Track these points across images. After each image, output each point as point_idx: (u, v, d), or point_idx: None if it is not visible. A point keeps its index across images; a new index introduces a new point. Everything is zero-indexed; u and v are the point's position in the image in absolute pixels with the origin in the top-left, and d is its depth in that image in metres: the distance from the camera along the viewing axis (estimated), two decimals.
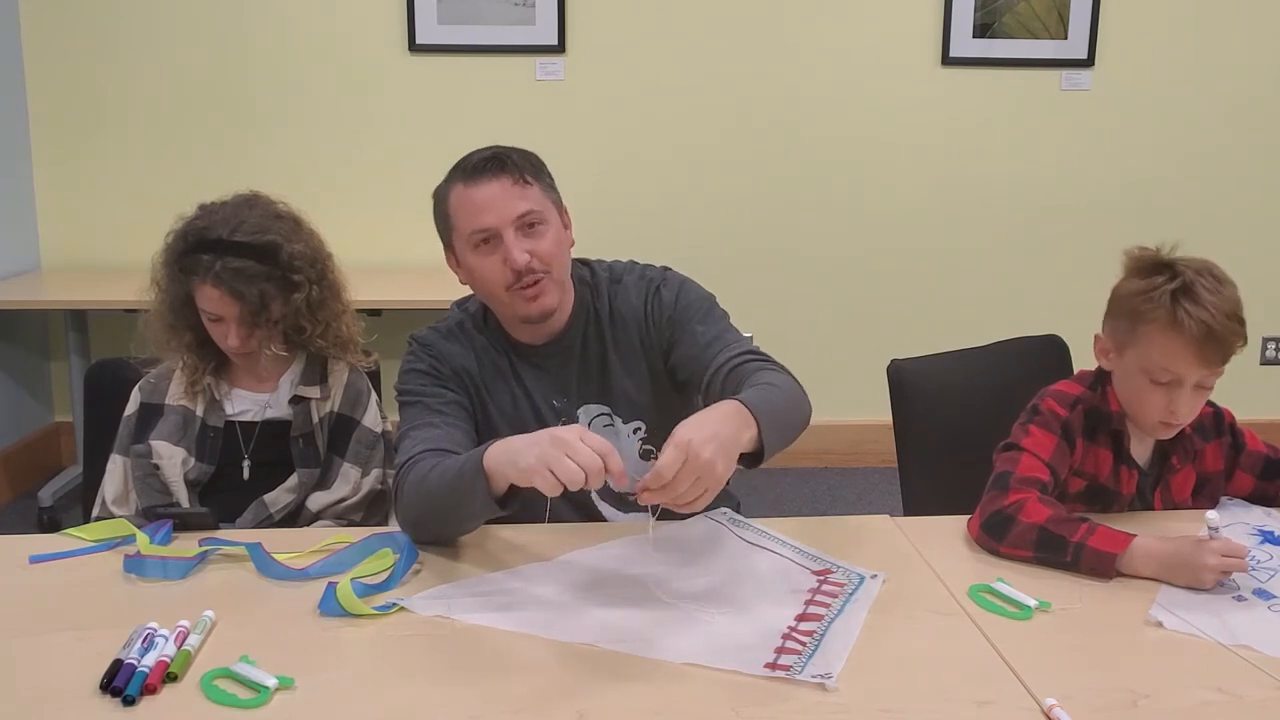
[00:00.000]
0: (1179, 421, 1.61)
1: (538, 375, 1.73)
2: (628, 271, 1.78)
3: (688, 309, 1.72)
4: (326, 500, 1.77)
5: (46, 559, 1.49)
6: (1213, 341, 1.53)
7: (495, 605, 1.36)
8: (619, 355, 1.74)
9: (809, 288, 3.99)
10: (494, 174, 1.62)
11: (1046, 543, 1.48)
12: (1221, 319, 1.53)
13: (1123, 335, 1.63)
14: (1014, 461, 1.60)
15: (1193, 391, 1.58)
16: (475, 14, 3.71)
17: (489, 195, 1.61)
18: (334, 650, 1.26)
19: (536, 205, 1.64)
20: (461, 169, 1.66)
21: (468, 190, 1.63)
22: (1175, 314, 1.54)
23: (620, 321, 1.74)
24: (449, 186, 1.66)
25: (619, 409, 1.73)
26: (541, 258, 1.62)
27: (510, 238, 1.61)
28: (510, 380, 1.72)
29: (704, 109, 3.84)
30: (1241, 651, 1.27)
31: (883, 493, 3.77)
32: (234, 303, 1.72)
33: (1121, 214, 3.95)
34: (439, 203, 1.68)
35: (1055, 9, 3.81)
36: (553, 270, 1.65)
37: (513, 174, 1.62)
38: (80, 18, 3.67)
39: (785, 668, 1.21)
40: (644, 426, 1.74)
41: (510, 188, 1.62)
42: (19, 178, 3.71)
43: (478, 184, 1.62)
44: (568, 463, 1.27)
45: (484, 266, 1.64)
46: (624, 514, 1.74)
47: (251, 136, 3.77)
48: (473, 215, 1.62)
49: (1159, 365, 1.57)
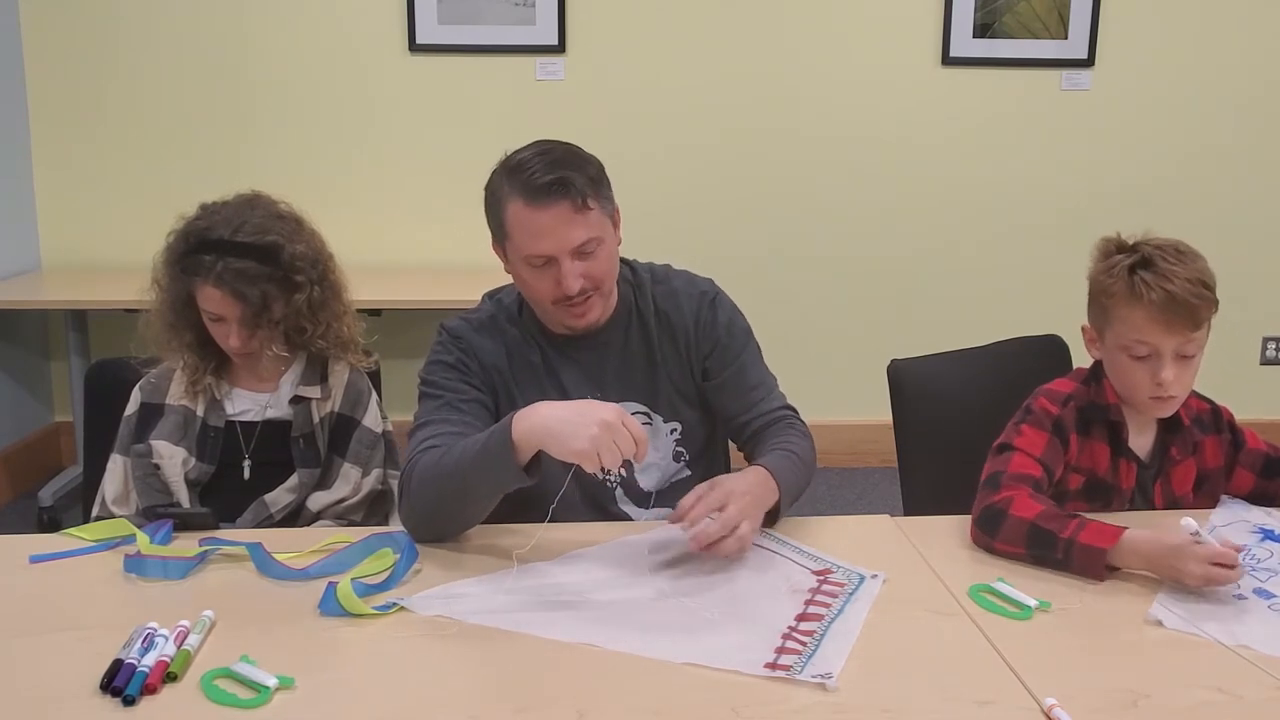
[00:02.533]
0: (1169, 394, 1.60)
1: (573, 369, 1.72)
2: (674, 276, 1.79)
3: (737, 339, 1.76)
4: (327, 500, 1.78)
5: (46, 559, 1.49)
6: (1175, 306, 1.55)
7: (495, 605, 1.36)
8: (662, 355, 1.74)
9: (809, 287, 3.99)
10: (557, 198, 1.57)
11: (1037, 539, 1.48)
12: (1182, 283, 1.55)
13: (1099, 319, 1.66)
14: (1006, 461, 1.61)
15: (1174, 361, 1.59)
16: (475, 14, 3.71)
17: (550, 222, 1.57)
18: (334, 650, 1.26)
19: (595, 231, 1.61)
20: (524, 182, 1.59)
21: (529, 211, 1.58)
22: (1133, 285, 1.58)
23: (665, 323, 1.74)
24: (508, 196, 1.60)
25: (659, 408, 1.74)
26: (594, 279, 1.63)
27: (566, 265, 1.59)
28: (542, 375, 1.72)
29: (704, 109, 3.84)
30: (1241, 651, 1.27)
31: (883, 493, 3.76)
32: (236, 303, 1.71)
33: (1121, 214, 3.91)
34: (494, 204, 1.64)
35: (1055, 9, 3.81)
36: (603, 287, 1.65)
37: (575, 200, 1.57)
38: (80, 18, 3.67)
39: (785, 667, 1.21)
40: (680, 428, 1.75)
41: (572, 215, 1.58)
42: (19, 178, 3.71)
43: (539, 207, 1.57)
44: (615, 452, 1.36)
45: (535, 280, 1.63)
46: (646, 511, 1.74)
47: (251, 136, 3.77)
48: (531, 239, 1.59)
49: (1132, 338, 1.59)
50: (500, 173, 1.64)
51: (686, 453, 1.77)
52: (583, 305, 1.64)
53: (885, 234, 3.97)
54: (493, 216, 1.66)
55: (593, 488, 1.73)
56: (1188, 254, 1.60)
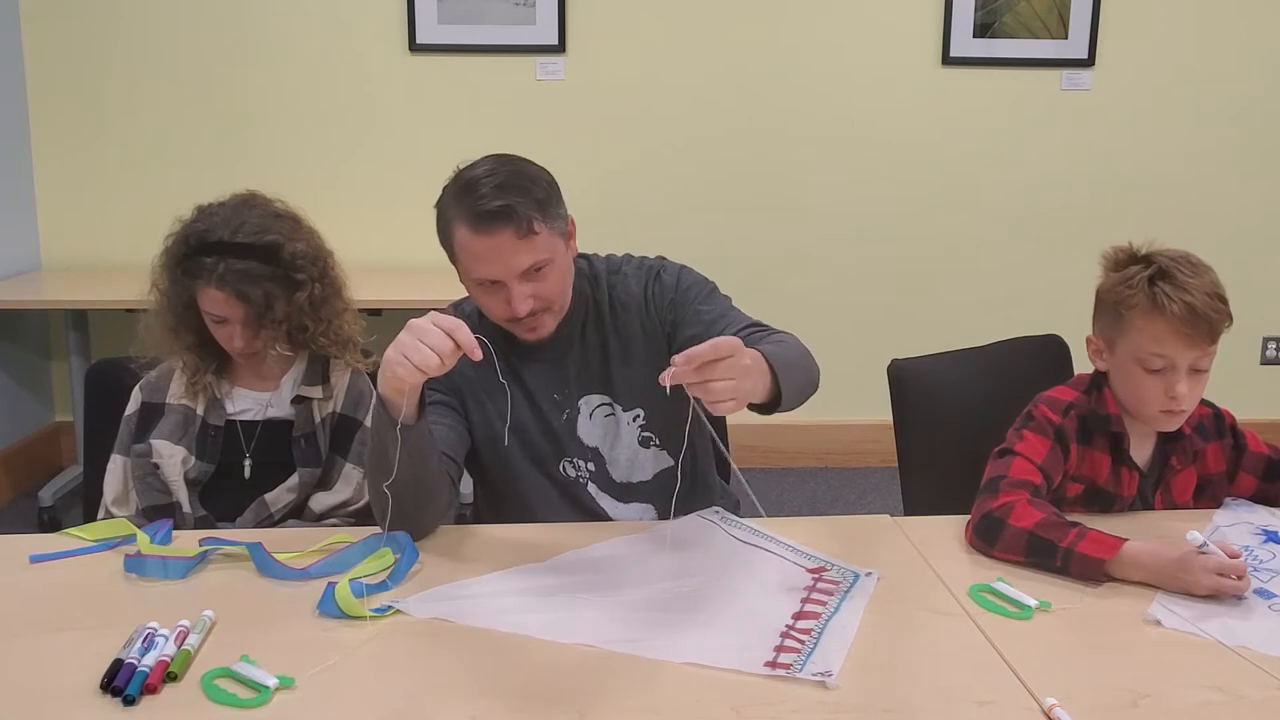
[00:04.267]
0: (1181, 408, 1.60)
1: (536, 370, 1.74)
2: (626, 262, 1.79)
3: (689, 290, 1.73)
4: (330, 503, 1.77)
5: (46, 559, 1.49)
6: (1196, 319, 1.54)
7: (494, 606, 1.36)
8: (619, 344, 1.74)
9: (809, 287, 3.99)
10: (500, 225, 1.56)
11: (1036, 548, 1.47)
12: (1203, 297, 1.54)
13: (1110, 330, 1.64)
14: (1006, 465, 1.60)
15: (1188, 375, 1.58)
16: (475, 14, 3.71)
17: (494, 247, 1.57)
18: (334, 650, 1.26)
19: (543, 254, 1.60)
20: (469, 207, 1.57)
21: (474, 238, 1.58)
22: (1155, 296, 1.56)
23: (620, 309, 1.75)
24: (454, 220, 1.60)
25: (619, 397, 1.74)
26: (544, 298, 1.63)
27: (515, 289, 1.60)
28: (508, 377, 1.72)
29: (704, 108, 3.85)
30: (1241, 651, 1.27)
31: (883, 493, 3.77)
32: (239, 304, 1.71)
33: (1121, 214, 3.95)
34: (443, 226, 1.64)
35: (1055, 9, 3.81)
36: (554, 306, 1.66)
37: (518, 226, 1.56)
38: (80, 18, 3.67)
39: (785, 665, 1.21)
40: (643, 414, 1.75)
41: (517, 241, 1.56)
42: (19, 178, 3.71)
43: (483, 234, 1.57)
44: (422, 348, 1.34)
45: (487, 299, 1.65)
46: (624, 504, 1.74)
47: (251, 136, 3.77)
48: (477, 264, 1.60)
49: (1149, 351, 1.57)
50: (450, 192, 1.63)
51: (655, 436, 1.76)
52: (533, 321, 1.65)
53: (885, 234, 3.97)
54: (443, 237, 1.65)
55: (565, 483, 1.74)
56: (1200, 266, 1.59)
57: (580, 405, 1.74)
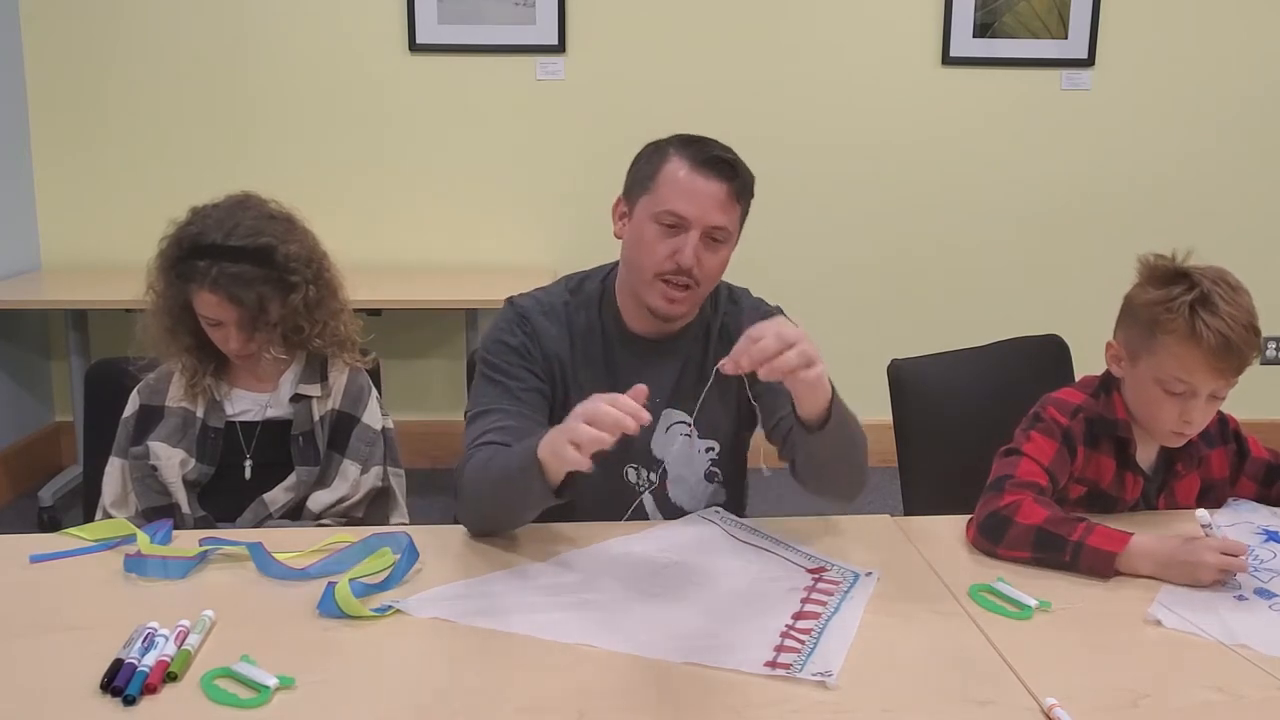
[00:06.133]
0: (1192, 431, 1.61)
1: (636, 366, 1.70)
2: (745, 296, 1.81)
3: None
4: (328, 500, 1.77)
5: (46, 559, 1.49)
6: (1229, 352, 1.53)
7: (494, 606, 1.36)
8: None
9: (809, 287, 3.98)
10: (722, 177, 1.61)
11: (1044, 543, 1.47)
12: (1239, 330, 1.52)
13: (1137, 344, 1.62)
14: (1013, 465, 1.60)
15: (1206, 402, 1.57)
16: (475, 14, 3.71)
17: (706, 191, 1.60)
18: (334, 650, 1.26)
19: (731, 226, 1.64)
20: (696, 149, 1.62)
21: (690, 173, 1.60)
22: (1194, 325, 1.52)
23: (728, 340, 1.72)
24: (674, 155, 1.63)
25: (699, 423, 1.71)
26: (704, 271, 1.63)
27: (694, 239, 1.60)
28: (602, 369, 1.70)
29: (704, 108, 3.84)
30: (1241, 651, 1.27)
31: (883, 493, 3.75)
32: (233, 307, 1.71)
33: (1121, 214, 3.95)
34: (652, 156, 1.65)
35: (1055, 9, 3.81)
36: (703, 286, 1.65)
37: (734, 185, 1.62)
38: (80, 18, 3.67)
39: (785, 665, 1.21)
40: (717, 449, 1.74)
41: (725, 198, 1.61)
42: (19, 178, 3.71)
43: (703, 174, 1.60)
44: (585, 429, 1.30)
45: (653, 240, 1.62)
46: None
47: (251, 136, 3.77)
48: (679, 197, 1.60)
49: (1174, 376, 1.56)
50: (675, 138, 1.66)
51: (720, 473, 1.76)
52: (681, 291, 1.63)
53: (885, 233, 3.97)
54: (643, 168, 1.66)
55: (622, 487, 1.71)
56: (1239, 289, 1.57)
57: (661, 416, 1.70)
